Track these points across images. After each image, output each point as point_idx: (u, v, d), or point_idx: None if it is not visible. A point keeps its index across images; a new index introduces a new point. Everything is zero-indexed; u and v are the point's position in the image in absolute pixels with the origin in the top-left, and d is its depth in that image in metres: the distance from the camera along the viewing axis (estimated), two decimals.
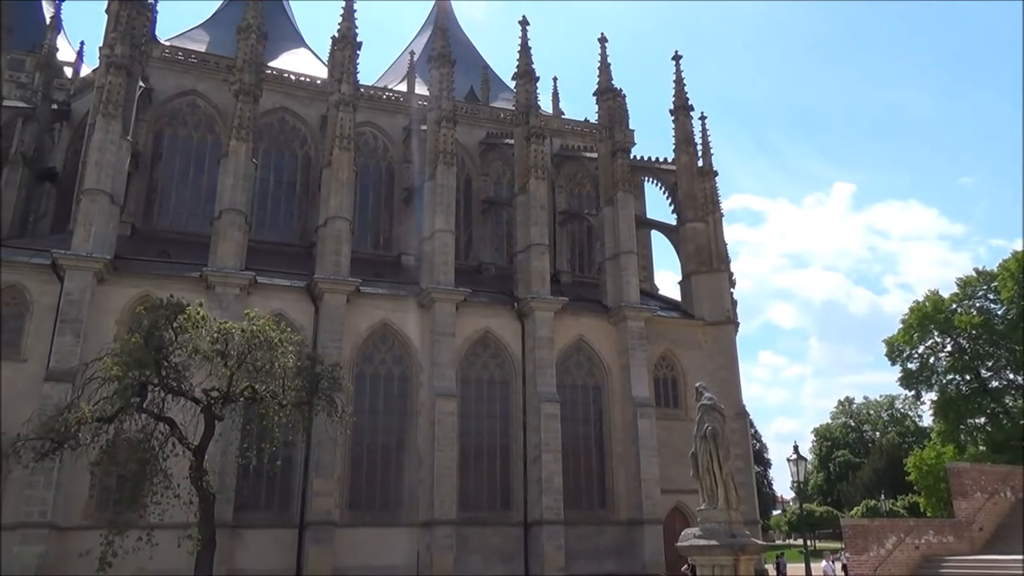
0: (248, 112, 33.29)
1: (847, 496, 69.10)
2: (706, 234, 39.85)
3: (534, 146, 37.48)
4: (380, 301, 32.96)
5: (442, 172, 35.21)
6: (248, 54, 34.42)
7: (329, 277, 31.52)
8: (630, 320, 35.63)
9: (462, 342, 33.37)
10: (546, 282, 35.25)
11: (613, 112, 40.43)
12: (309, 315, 31.40)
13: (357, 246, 36.18)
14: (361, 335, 32.08)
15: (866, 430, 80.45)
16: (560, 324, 34.84)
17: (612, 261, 37.50)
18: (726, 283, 39.23)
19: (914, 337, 44.85)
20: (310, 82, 41.68)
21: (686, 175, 40.97)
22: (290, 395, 20.87)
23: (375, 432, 31.66)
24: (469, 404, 33.16)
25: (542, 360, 33.67)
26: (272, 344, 20.56)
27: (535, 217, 36.31)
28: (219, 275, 30.04)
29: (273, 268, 32.55)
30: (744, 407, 37.44)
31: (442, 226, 34.27)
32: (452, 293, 33.20)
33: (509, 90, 45.69)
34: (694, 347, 37.71)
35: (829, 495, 74.98)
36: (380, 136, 42.40)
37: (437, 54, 37.81)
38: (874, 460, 67.89)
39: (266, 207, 38.78)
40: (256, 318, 21.29)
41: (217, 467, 25.66)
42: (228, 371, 20.33)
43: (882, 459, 66.41)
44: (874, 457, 68.59)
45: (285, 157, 40.32)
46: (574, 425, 34.54)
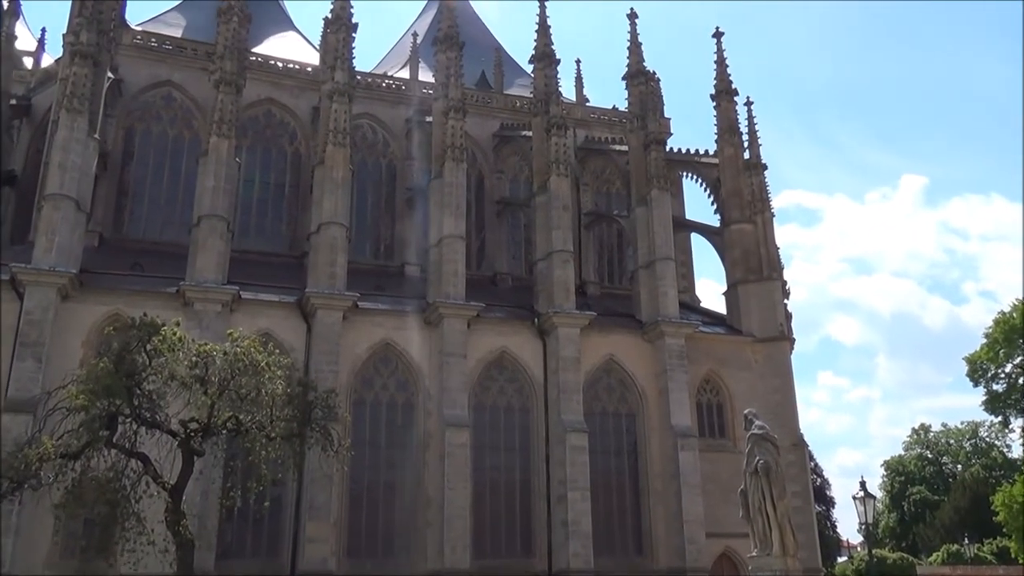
0: (230, 104, 33.61)
1: (924, 540, 68.10)
2: (754, 237, 39.68)
3: (555, 138, 37.56)
4: (381, 318, 33.05)
5: (450, 169, 35.35)
6: (230, 39, 34.80)
7: (323, 291, 31.68)
8: (668, 337, 35.50)
9: (475, 364, 33.38)
10: (570, 294, 35.22)
11: (645, 98, 40.44)
12: (301, 334, 31.53)
13: (355, 255, 36.24)
14: (360, 357, 32.17)
15: (945, 463, 79.34)
16: (587, 342, 34.78)
17: (646, 269, 37.43)
18: (779, 293, 39.00)
19: (1000, 354, 44.32)
20: (300, 70, 42.03)
21: (730, 169, 40.87)
22: (279, 426, 20.91)
23: (376, 468, 31.66)
24: (483, 435, 33.13)
25: (567, 384, 33.60)
26: (258, 368, 20.62)
27: (557, 220, 36.33)
28: (198, 290, 30.27)
29: (260, 281, 32.72)
30: (802, 436, 37.12)
31: (451, 231, 34.38)
32: (463, 308, 33.26)
33: (526, 75, 45.85)
34: (743, 368, 37.49)
35: (903, 539, 73.96)
36: (379, 129, 42.65)
37: (443, 35, 38.07)
38: (956, 498, 66.92)
39: (251, 212, 39.02)
40: (240, 339, 21.37)
41: (196, 509, 25.74)
42: (209, 399, 20.41)
43: (965, 496, 65.44)
44: (956, 494, 67.62)
45: (272, 155, 40.62)
46: (605, 458, 34.40)
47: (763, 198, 40.57)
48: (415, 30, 50.68)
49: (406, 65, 46.59)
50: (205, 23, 40.72)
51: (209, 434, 20.88)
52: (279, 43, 45.71)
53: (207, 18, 40.18)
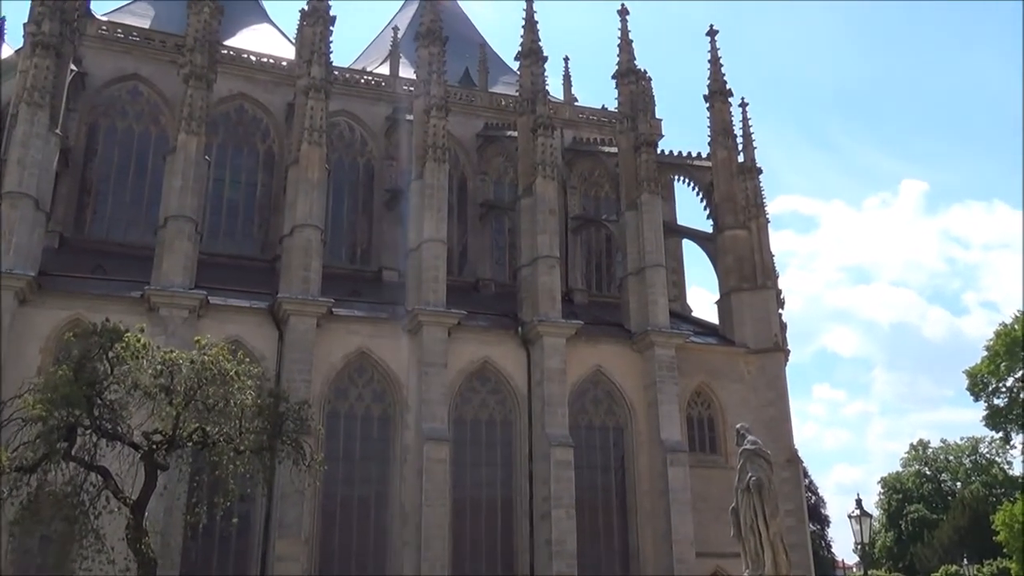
0: (200, 100, 33.51)
1: (922, 560, 68.49)
2: (748, 243, 39.91)
3: (541, 139, 37.66)
4: (357, 325, 32.98)
5: (432, 170, 35.36)
6: (200, 31, 34.71)
7: (296, 297, 31.58)
8: (658, 347, 35.61)
9: (456, 375, 33.35)
10: (556, 302, 35.27)
11: (636, 98, 40.64)
12: (272, 342, 31.43)
13: (330, 259, 36.21)
14: (334, 366, 32.08)
15: (944, 480, 79.90)
16: (574, 352, 34.82)
17: (636, 276, 37.54)
18: (773, 302, 39.23)
19: (1001, 367, 44.75)
20: (274, 64, 41.96)
21: (724, 173, 41.11)
22: (248, 439, 20.83)
23: (351, 483, 31.56)
24: (464, 449, 33.09)
25: (552, 396, 33.62)
26: (227, 378, 20.55)
27: (543, 224, 36.40)
28: (164, 295, 30.12)
29: (229, 286, 32.58)
30: (796, 452, 37.29)
31: (432, 235, 34.37)
32: (443, 316, 33.23)
33: (512, 72, 45.93)
34: (735, 380, 37.65)
35: (900, 559, 74.39)
36: (357, 128, 42.62)
37: (426, 30, 38.12)
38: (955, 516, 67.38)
39: (221, 213, 38.86)
40: (208, 346, 21.28)
41: (160, 526, 25.58)
42: (174, 410, 20.30)
43: (964, 515, 65.91)
44: (955, 513, 68.08)
45: (244, 153, 40.50)
46: (591, 474, 34.43)
47: (758, 203, 40.81)
48: (396, 24, 50.73)
49: (386, 60, 46.59)
50: (175, 14, 40.59)
51: (174, 447, 20.76)
52: (253, 36, 45.59)
53: (177, 8, 40.05)
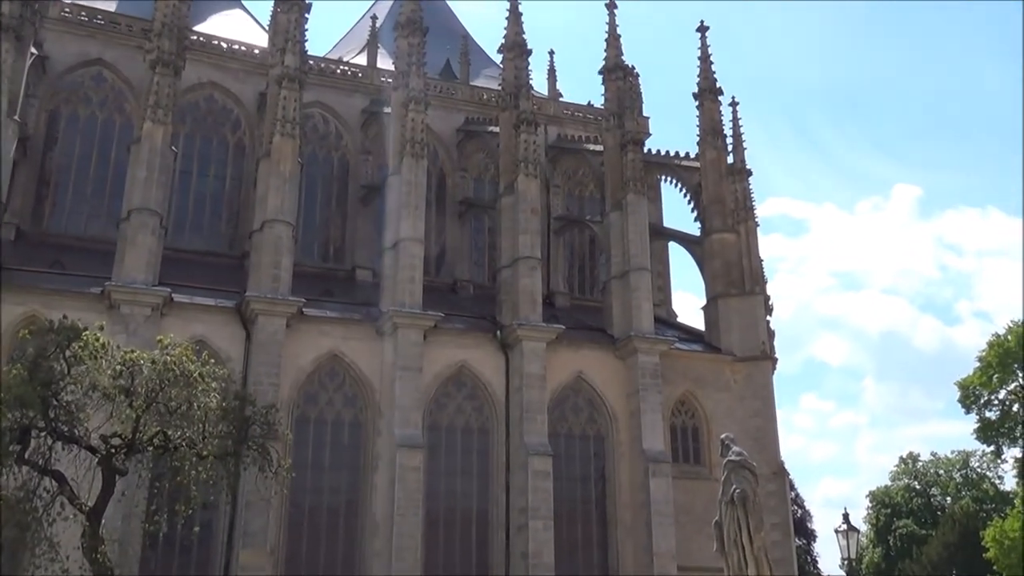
0: (167, 88, 33.30)
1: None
2: (737, 247, 40.11)
3: (524, 135, 37.70)
4: (329, 327, 32.88)
5: (409, 166, 35.31)
6: (169, 15, 34.49)
7: (265, 295, 31.44)
8: (641, 354, 35.71)
9: (431, 379, 33.31)
10: (537, 305, 35.31)
11: (623, 95, 40.77)
12: (239, 343, 31.29)
13: (301, 257, 36.09)
14: (304, 369, 31.96)
15: (934, 494, 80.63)
16: (554, 358, 34.86)
17: (620, 280, 37.65)
18: (761, 309, 39.44)
19: (994, 379, 45.07)
20: (246, 52, 41.79)
21: (713, 174, 41.30)
22: (212, 444, 20.73)
23: (319, 492, 31.44)
24: (439, 457, 33.05)
25: (531, 403, 33.64)
26: (191, 379, 20.45)
27: (524, 224, 36.44)
28: (126, 291, 29.90)
29: (195, 283, 32.41)
30: (783, 464, 37.51)
31: (408, 233, 34.32)
32: (419, 318, 33.19)
33: (494, 65, 45.97)
34: (721, 388, 37.82)
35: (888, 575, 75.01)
36: (332, 120, 42.50)
37: (405, 19, 38.07)
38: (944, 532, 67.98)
39: (187, 207, 38.70)
40: (171, 346, 21.17)
41: (117, 534, 25.37)
42: (134, 413, 20.17)
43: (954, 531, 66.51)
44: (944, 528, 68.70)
45: (213, 144, 40.30)
46: (570, 485, 34.45)
47: (747, 206, 41.03)
48: (374, 12, 50.62)
49: (364, 51, 46.48)
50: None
51: (133, 451, 20.63)
52: (224, 21, 45.38)
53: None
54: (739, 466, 15.15)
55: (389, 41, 42.62)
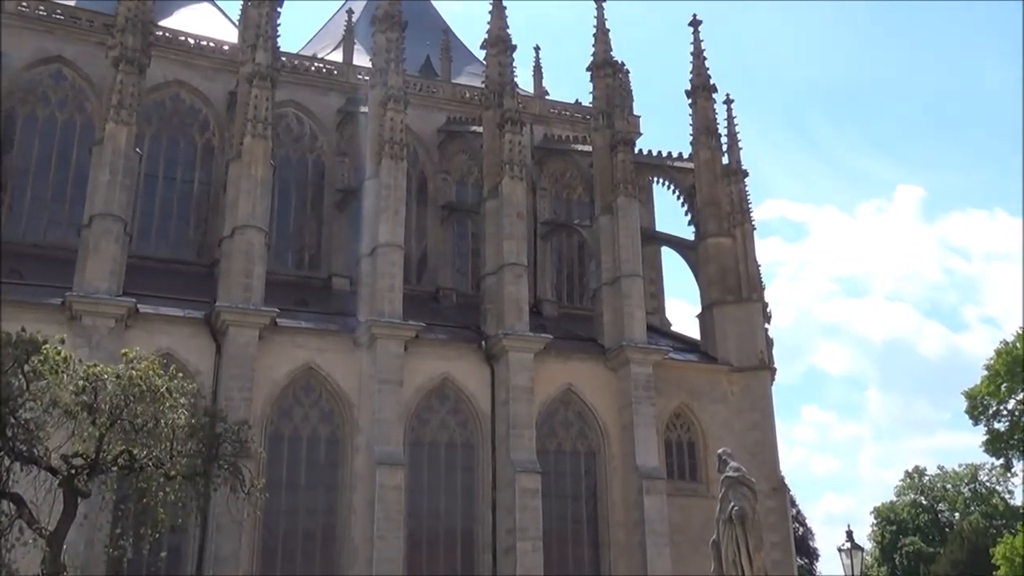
0: (131, 86, 33.21)
1: None
2: (733, 252, 40.29)
3: (509, 135, 37.78)
4: (304, 338, 32.81)
5: (388, 168, 35.31)
6: (132, 9, 34.43)
7: (236, 305, 31.35)
8: (634, 365, 35.79)
9: (413, 393, 33.28)
10: (524, 314, 35.34)
11: (612, 92, 40.93)
12: (208, 356, 31.20)
13: (274, 265, 35.99)
14: (278, 383, 31.87)
15: (942, 510, 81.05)
16: (542, 369, 34.90)
17: (611, 287, 37.74)
18: (759, 316, 39.62)
19: (1002, 388, 45.41)
20: (215, 48, 41.74)
21: (707, 175, 41.50)
22: (180, 463, 20.62)
23: (295, 513, 31.33)
24: (421, 475, 33.01)
25: (518, 417, 33.65)
26: (157, 395, 20.34)
27: (510, 228, 36.49)
28: (88, 302, 29.76)
29: (161, 293, 32.34)
30: (783, 480, 37.66)
31: (387, 239, 34.31)
32: (399, 328, 33.16)
33: (477, 62, 46.03)
34: (717, 400, 37.93)
35: None
36: (307, 120, 42.48)
37: (383, 13, 38.10)
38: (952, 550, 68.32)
39: (153, 212, 38.58)
40: (137, 360, 21.06)
41: (80, 560, 25.18)
42: (97, 431, 20.04)
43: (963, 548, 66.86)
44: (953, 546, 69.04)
45: (180, 146, 40.20)
46: (560, 503, 34.48)
47: (743, 209, 41.25)
48: (350, 7, 50.70)
49: (339, 47, 46.48)
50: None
51: (97, 472, 20.49)
52: (192, 16, 45.32)
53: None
54: (737, 482, 15.21)
55: (366, 37, 42.59)
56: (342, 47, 45.83)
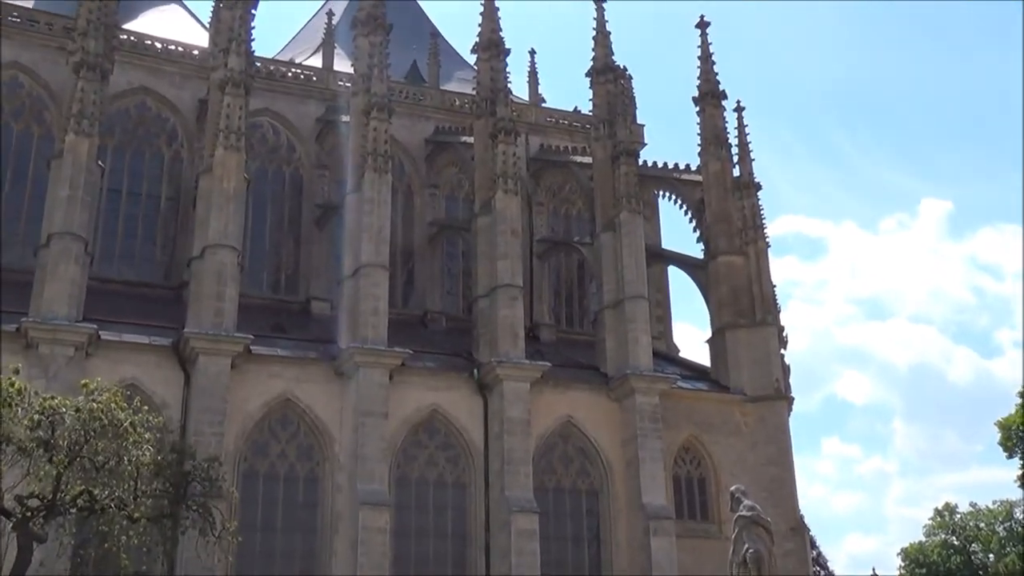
0: (93, 94, 33.27)
1: None
2: (746, 272, 40.36)
3: (503, 146, 37.89)
4: (280, 367, 32.77)
5: (372, 182, 35.38)
6: (95, 12, 34.52)
7: (206, 332, 31.30)
8: (639, 394, 35.76)
9: (398, 426, 33.21)
10: (519, 340, 35.34)
11: (614, 100, 41.11)
12: (176, 387, 31.13)
13: (248, 287, 35.99)
14: (252, 416, 31.79)
15: (975, 551, 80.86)
16: (540, 400, 34.86)
17: (613, 310, 37.76)
18: (774, 341, 39.64)
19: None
20: (184, 53, 41.87)
21: (717, 188, 41.62)
22: (145, 504, 20.63)
23: (270, 558, 31.12)
24: (408, 516, 32.91)
25: (513, 452, 33.56)
26: (120, 430, 20.34)
27: (504, 247, 36.53)
28: (45, 328, 29.69)
29: (125, 319, 32.31)
30: (802, 519, 37.57)
31: (371, 259, 34.33)
32: (384, 355, 33.13)
33: (468, 67, 46.28)
34: (730, 433, 37.90)
35: None
36: (284, 130, 42.58)
37: (366, 15, 38.28)
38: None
39: (116, 230, 38.59)
40: (98, 391, 21.06)
41: None
42: (55, 469, 20.01)
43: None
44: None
45: (146, 159, 40.26)
46: (560, 546, 34.37)
47: (756, 224, 41.33)
48: (330, 8, 50.94)
49: (318, 51, 46.68)
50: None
51: (54, 514, 20.45)
52: (159, 19, 45.48)
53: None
54: (752, 522, 15.19)
55: (347, 40, 42.81)
56: (322, 52, 46.00)
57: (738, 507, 15.83)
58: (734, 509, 16.16)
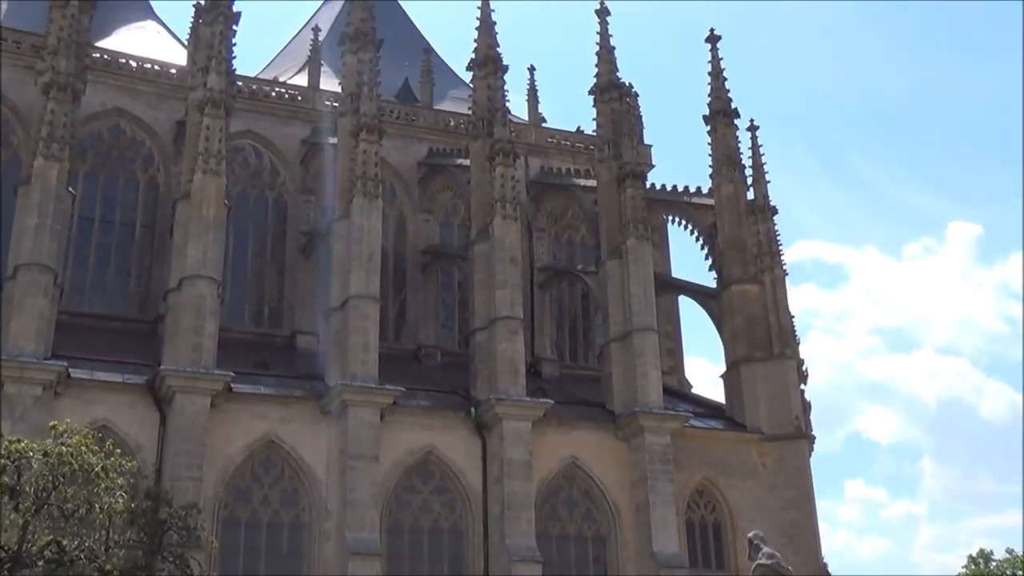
0: (64, 116, 33.43)
1: None
2: (762, 301, 40.39)
3: (501, 169, 38.04)
4: (264, 406, 32.74)
5: (361, 208, 35.49)
6: (66, 29, 34.72)
7: (184, 369, 31.29)
8: (649, 434, 35.71)
9: (390, 469, 33.14)
10: (520, 376, 35.33)
11: (619, 119, 41.32)
12: (152, 428, 31.10)
13: (229, 321, 36.11)
14: (233, 459, 31.72)
15: None
16: (542, 441, 34.81)
17: (620, 343, 37.77)
18: (793, 375, 39.60)
19: None
20: (161, 72, 42.15)
21: (730, 213, 41.72)
22: (118, 555, 20.53)
23: None
24: (401, 566, 32.81)
25: (514, 496, 33.46)
26: (91, 475, 20.27)
27: (503, 276, 36.60)
28: (11, 366, 29.63)
29: (97, 355, 32.29)
30: (825, 567, 37.39)
31: (360, 290, 34.38)
32: (375, 393, 33.11)
33: (464, 85, 46.53)
34: (747, 475, 37.80)
35: None
36: (267, 153, 42.79)
37: (354, 31, 38.55)
38: None
39: (88, 261, 38.67)
40: (68, 434, 21.01)
41: None
42: (20, 518, 19.94)
43: None
44: None
45: (120, 184, 40.44)
46: None
47: (772, 251, 41.40)
48: (316, 23, 51.28)
49: (304, 69, 46.95)
50: (33, 7, 40.57)
51: (19, 565, 20.35)
52: (134, 36, 45.80)
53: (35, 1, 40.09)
54: (772, 571, 15.13)
55: (334, 57, 43.09)
56: (307, 69, 46.25)
57: (756, 555, 15.76)
58: (752, 557, 16.09)
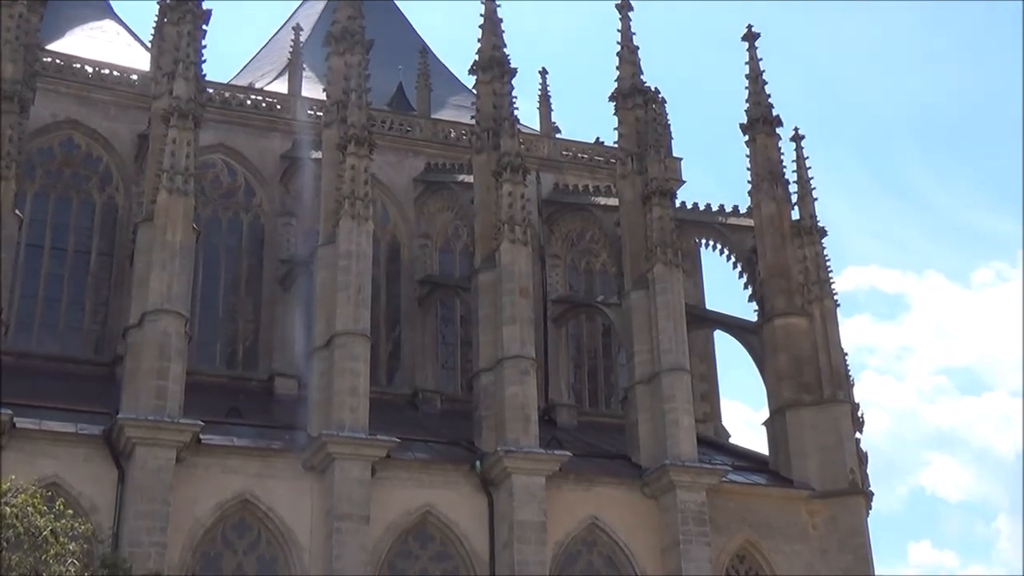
0: (10, 130, 33.55)
1: None
2: (810, 336, 40.23)
3: (509, 187, 38.03)
4: (238, 460, 32.67)
5: (348, 231, 35.50)
6: (12, 30, 34.94)
7: (146, 418, 31.20)
8: (681, 490, 35.53)
9: (383, 532, 33.02)
10: (531, 424, 35.22)
11: (644, 128, 41.35)
12: (108, 486, 31.02)
13: (198, 362, 36.12)
14: (202, 522, 31.59)
15: None
16: (558, 498, 34.70)
17: (647, 386, 37.66)
18: (847, 422, 39.40)
19: None
20: (121, 78, 42.44)
21: (772, 235, 41.63)
22: None
23: None
24: None
25: (526, 564, 33.26)
26: (39, 540, 20.20)
27: (511, 309, 36.54)
28: None
29: (46, 402, 32.26)
30: None
31: (348, 326, 34.34)
32: (365, 445, 33.02)
33: (466, 91, 46.75)
34: (795, 537, 37.57)
35: None
36: (241, 170, 42.95)
37: (341, 30, 38.71)
38: None
39: (37, 294, 38.82)
40: (12, 492, 20.97)
41: None
42: None
43: None
44: None
45: (73, 206, 40.63)
46: None
47: (822, 279, 41.24)
48: (297, 22, 51.61)
49: (283, 74, 47.20)
50: None
51: None
52: (90, 37, 46.09)
53: None
54: None
55: (318, 60, 43.22)
56: (287, 74, 46.48)
57: None
58: None
